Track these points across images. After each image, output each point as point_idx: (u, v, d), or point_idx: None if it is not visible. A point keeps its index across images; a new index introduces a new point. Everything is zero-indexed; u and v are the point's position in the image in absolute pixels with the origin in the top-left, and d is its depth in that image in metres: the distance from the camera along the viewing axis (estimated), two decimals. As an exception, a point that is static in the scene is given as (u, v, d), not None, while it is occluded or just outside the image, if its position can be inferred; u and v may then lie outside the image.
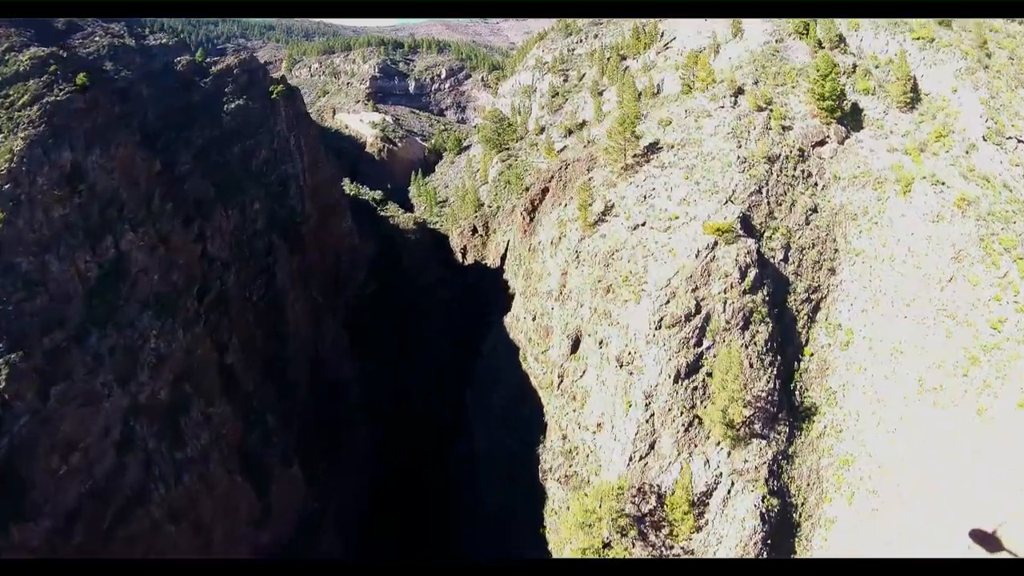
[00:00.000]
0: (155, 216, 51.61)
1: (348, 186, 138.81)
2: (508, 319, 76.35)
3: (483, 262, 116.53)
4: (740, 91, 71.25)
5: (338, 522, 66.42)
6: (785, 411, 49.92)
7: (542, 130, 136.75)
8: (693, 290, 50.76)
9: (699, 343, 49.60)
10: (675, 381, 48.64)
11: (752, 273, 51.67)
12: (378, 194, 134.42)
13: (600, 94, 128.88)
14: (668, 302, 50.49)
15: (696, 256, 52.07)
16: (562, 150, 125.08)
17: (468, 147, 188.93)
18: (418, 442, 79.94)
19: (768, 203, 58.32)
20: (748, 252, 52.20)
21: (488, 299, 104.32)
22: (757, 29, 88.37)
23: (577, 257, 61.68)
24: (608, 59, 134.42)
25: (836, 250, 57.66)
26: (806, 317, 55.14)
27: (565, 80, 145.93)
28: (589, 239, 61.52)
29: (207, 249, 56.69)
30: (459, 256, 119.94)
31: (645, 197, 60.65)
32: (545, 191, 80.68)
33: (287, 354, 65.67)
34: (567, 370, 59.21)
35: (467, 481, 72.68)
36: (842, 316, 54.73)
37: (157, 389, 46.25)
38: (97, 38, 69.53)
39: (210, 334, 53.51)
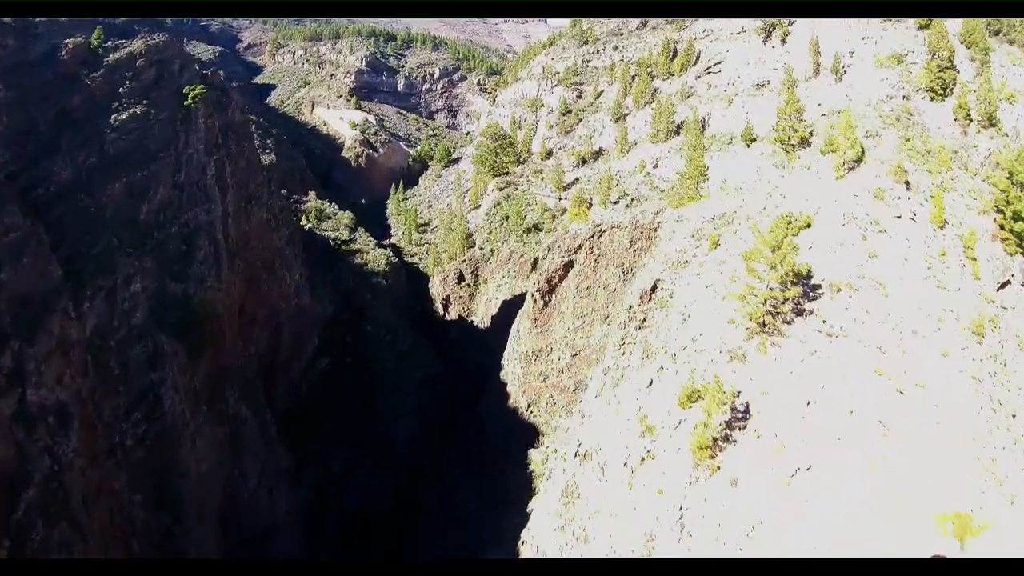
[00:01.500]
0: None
1: (313, 203, 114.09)
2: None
3: (469, 318, 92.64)
4: (860, 162, 47.66)
5: None
6: None
7: (549, 154, 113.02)
8: None
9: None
10: None
11: None
12: (346, 219, 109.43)
13: (623, 118, 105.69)
14: None
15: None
16: (573, 183, 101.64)
17: (458, 160, 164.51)
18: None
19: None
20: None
21: (474, 371, 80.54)
22: (858, 71, 65.58)
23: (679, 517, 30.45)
24: (634, 77, 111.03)
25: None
26: None
27: (579, 96, 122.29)
28: (704, 487, 30.40)
29: (26, 402, 32.00)
30: (440, 307, 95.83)
31: (809, 403, 30.33)
32: (568, 267, 57.06)
33: (185, 524, 41.47)
34: None
35: None
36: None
37: None
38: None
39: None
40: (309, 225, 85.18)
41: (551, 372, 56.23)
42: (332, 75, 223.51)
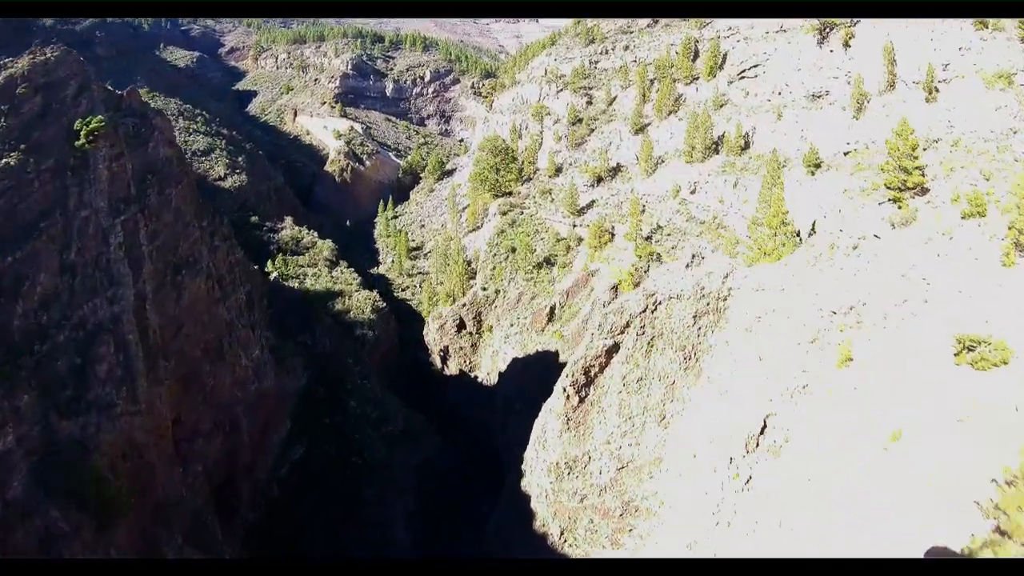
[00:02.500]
0: None
1: (288, 230, 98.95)
2: None
3: (472, 373, 77.71)
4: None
5: None
6: None
7: (559, 170, 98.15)
8: None
9: None
10: None
11: None
12: (326, 250, 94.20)
13: (644, 130, 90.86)
14: None
15: None
16: (589, 207, 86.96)
17: (452, 172, 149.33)
18: None
19: None
20: None
21: (482, 452, 65.92)
22: (959, 91, 50.79)
23: None
24: (653, 81, 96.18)
25: None
26: None
27: (589, 103, 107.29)
28: None
29: None
30: (437, 359, 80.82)
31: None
32: (612, 352, 42.05)
33: None
34: None
35: None
36: None
37: None
38: None
39: None
40: (276, 273, 70.00)
41: (590, 490, 41.41)
42: (316, 80, 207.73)
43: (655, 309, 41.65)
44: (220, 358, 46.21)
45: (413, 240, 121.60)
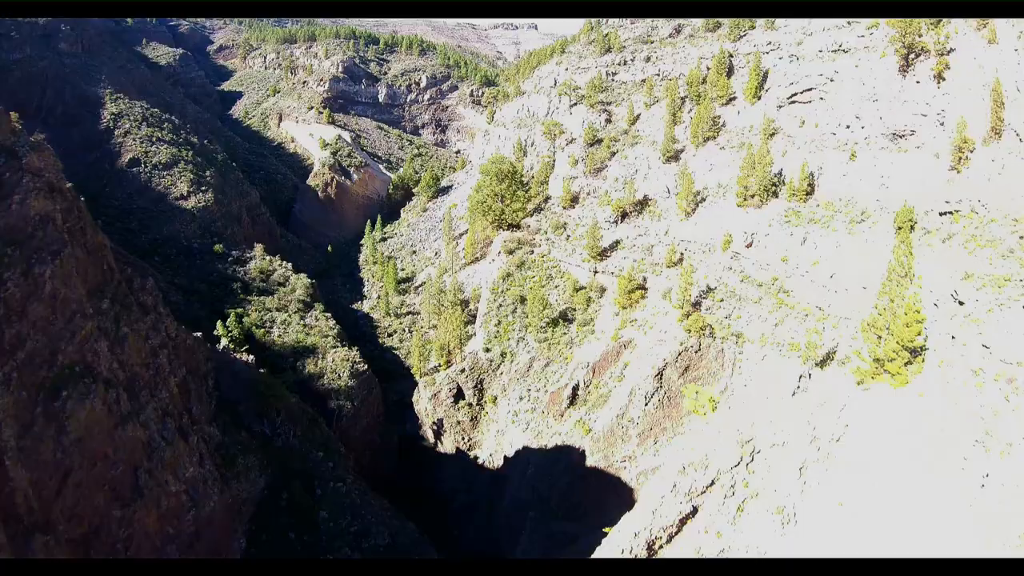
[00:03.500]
0: None
1: (258, 261, 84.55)
2: None
3: (472, 453, 63.48)
4: None
5: None
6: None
7: (575, 200, 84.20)
8: None
9: None
10: None
11: None
12: (300, 288, 79.61)
13: (676, 157, 77.22)
14: None
15: None
16: (613, 247, 73.26)
17: (448, 190, 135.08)
18: None
19: None
20: None
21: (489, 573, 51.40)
22: None
23: None
24: (684, 100, 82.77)
25: None
26: None
27: (608, 121, 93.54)
28: None
29: None
30: (430, 433, 66.46)
31: None
32: (687, 518, 28.22)
33: None
34: None
35: None
36: None
37: None
38: None
39: None
40: (226, 340, 54.88)
41: None
42: (304, 83, 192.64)
43: (751, 461, 27.74)
44: (137, 495, 31.91)
45: (403, 269, 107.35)
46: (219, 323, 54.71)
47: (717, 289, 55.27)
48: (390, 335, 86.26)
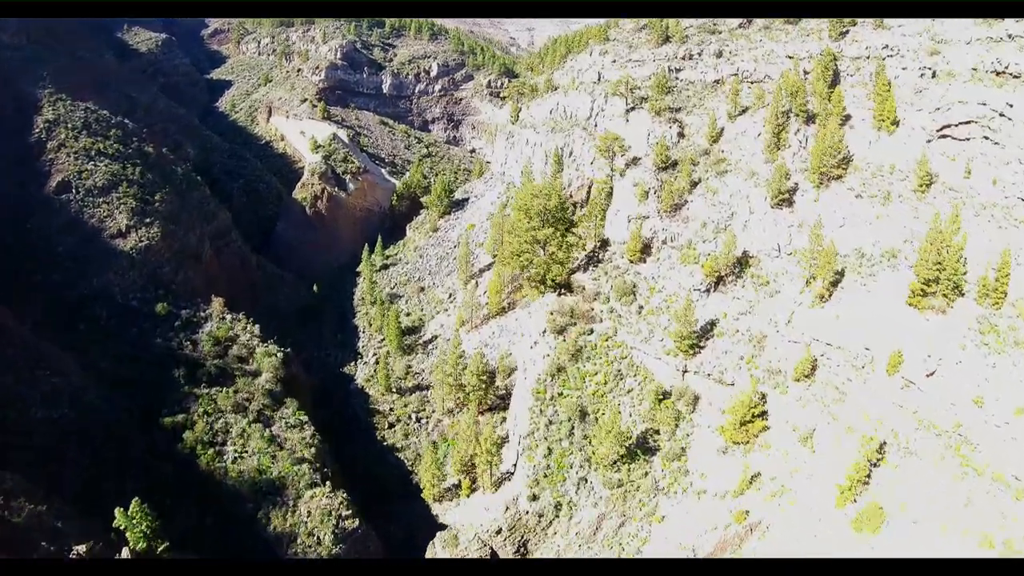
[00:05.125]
0: None
1: (213, 327, 62.80)
2: None
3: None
4: None
5: None
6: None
7: (645, 249, 61.51)
8: None
9: None
10: None
11: None
12: (267, 367, 57.77)
13: (789, 201, 54.70)
14: None
15: None
16: (707, 330, 51.13)
17: (464, 203, 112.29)
18: None
19: None
20: None
21: None
22: None
23: None
24: (787, 115, 60.12)
25: None
26: None
27: (681, 135, 70.53)
28: None
29: None
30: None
31: None
32: None
33: None
34: None
35: None
36: None
37: None
38: None
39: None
40: (136, 542, 33.34)
41: None
42: (298, 71, 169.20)
43: None
44: None
45: (408, 314, 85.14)
46: (119, 512, 32.89)
47: (881, 434, 32.91)
48: (391, 425, 64.29)
